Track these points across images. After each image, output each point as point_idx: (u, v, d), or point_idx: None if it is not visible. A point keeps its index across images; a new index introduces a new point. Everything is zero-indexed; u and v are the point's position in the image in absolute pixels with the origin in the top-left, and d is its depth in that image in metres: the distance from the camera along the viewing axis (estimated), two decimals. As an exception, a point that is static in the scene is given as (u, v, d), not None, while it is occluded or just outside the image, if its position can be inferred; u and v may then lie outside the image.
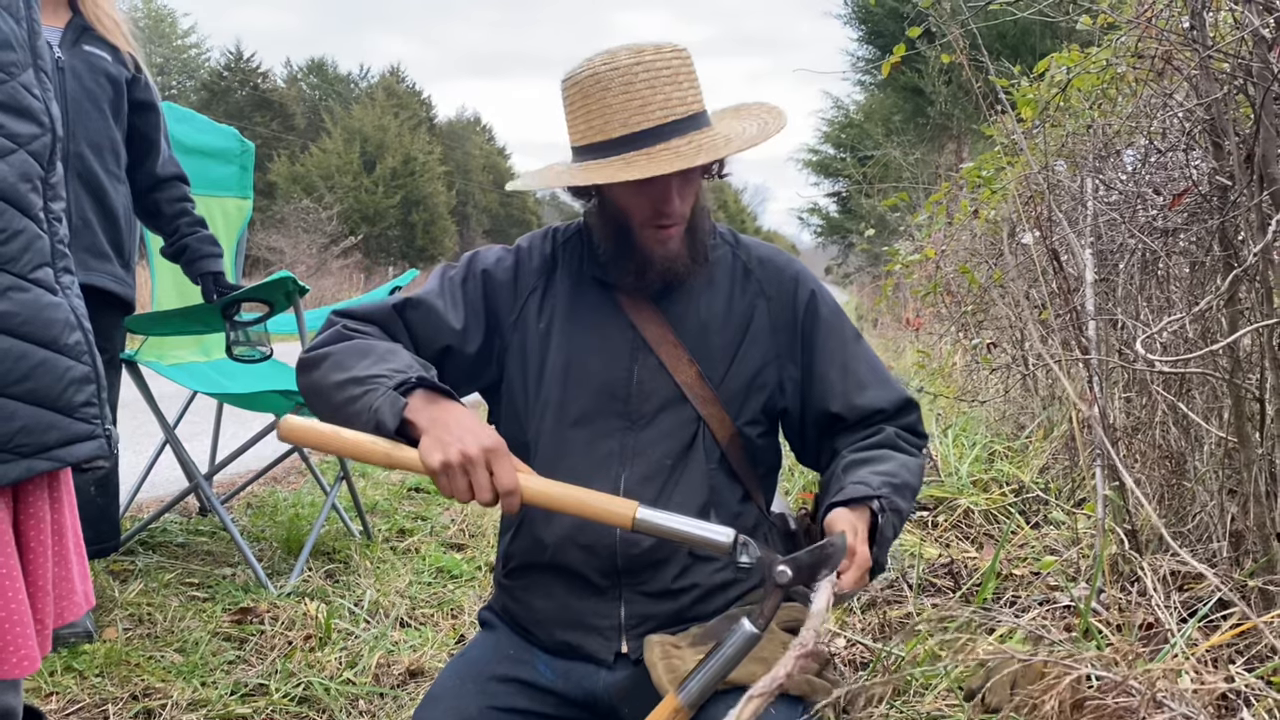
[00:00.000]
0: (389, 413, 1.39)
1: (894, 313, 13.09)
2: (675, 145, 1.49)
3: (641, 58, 1.49)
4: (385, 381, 1.42)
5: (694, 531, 1.41)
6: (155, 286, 3.93)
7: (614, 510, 1.40)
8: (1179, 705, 1.36)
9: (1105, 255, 3.29)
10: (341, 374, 1.47)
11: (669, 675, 1.48)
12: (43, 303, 1.38)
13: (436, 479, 1.38)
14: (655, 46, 1.51)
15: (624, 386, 1.61)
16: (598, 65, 1.50)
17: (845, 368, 1.66)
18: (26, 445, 1.34)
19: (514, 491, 1.38)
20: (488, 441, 1.38)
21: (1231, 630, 2.03)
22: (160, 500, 4.18)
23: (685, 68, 1.53)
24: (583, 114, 1.53)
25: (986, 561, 2.97)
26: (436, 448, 1.36)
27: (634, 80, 1.48)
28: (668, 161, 1.46)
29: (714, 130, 1.55)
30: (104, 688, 2.50)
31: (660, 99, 1.49)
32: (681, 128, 1.50)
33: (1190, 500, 2.83)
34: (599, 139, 1.51)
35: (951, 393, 6.16)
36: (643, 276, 1.61)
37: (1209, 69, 2.27)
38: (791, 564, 1.39)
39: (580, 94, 1.52)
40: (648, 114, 1.48)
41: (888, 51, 3.85)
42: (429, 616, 3.15)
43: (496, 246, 1.75)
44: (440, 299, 1.63)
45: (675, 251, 1.60)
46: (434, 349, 1.62)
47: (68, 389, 1.39)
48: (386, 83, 44.77)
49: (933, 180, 12.79)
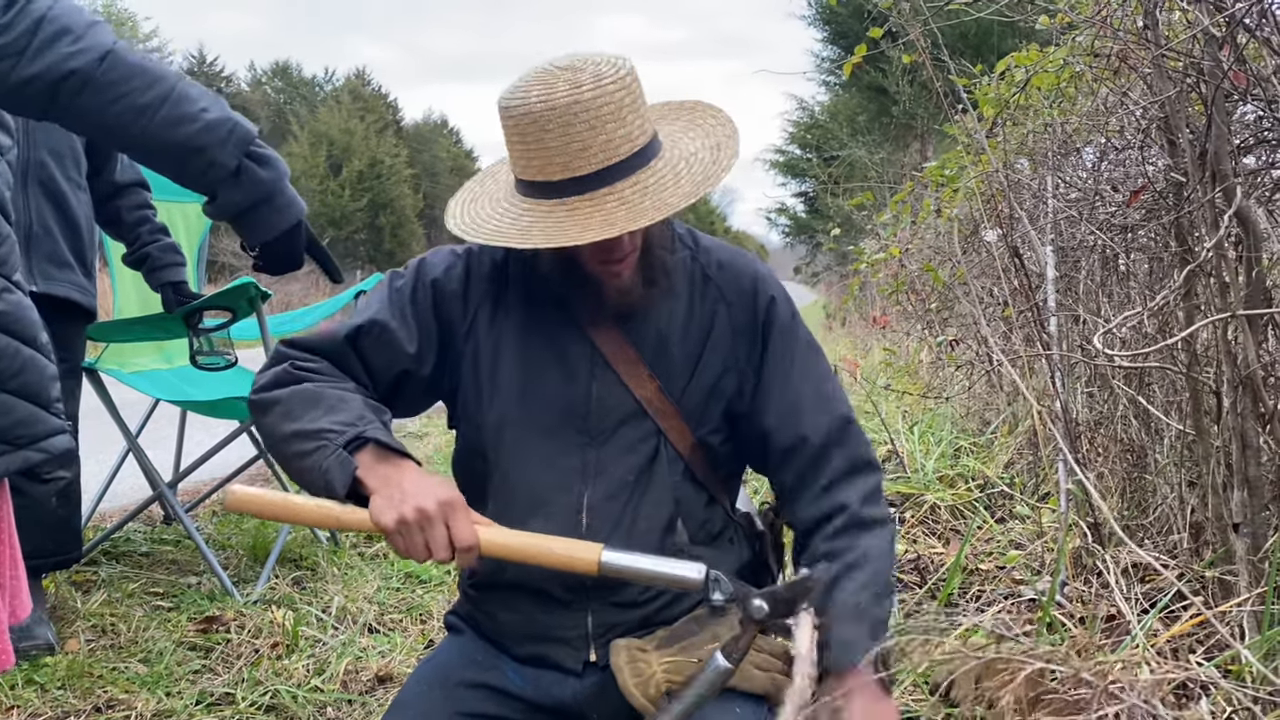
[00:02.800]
0: (338, 475, 1.36)
1: (861, 311, 13.18)
2: (620, 189, 1.40)
3: (580, 94, 1.36)
4: (334, 439, 1.38)
5: (663, 571, 1.38)
6: (116, 294, 3.88)
7: (578, 556, 1.38)
8: (1133, 696, 1.38)
9: (1066, 252, 3.34)
10: (291, 424, 1.43)
11: (635, 680, 1.47)
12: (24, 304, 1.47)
13: (391, 539, 1.35)
14: (595, 76, 1.38)
15: (583, 403, 1.56)
16: (534, 101, 1.38)
17: (788, 384, 1.59)
18: (23, 437, 1.42)
19: (471, 548, 1.36)
20: (444, 495, 1.36)
21: (1191, 620, 2.07)
22: (123, 509, 4.12)
23: (629, 97, 1.41)
24: (520, 149, 1.43)
25: (952, 557, 3.00)
26: (389, 507, 1.34)
27: (573, 121, 1.37)
28: (612, 216, 1.38)
29: (661, 162, 1.46)
30: (66, 700, 2.46)
31: (602, 140, 1.38)
32: (626, 168, 1.41)
33: (1152, 493, 2.87)
34: (539, 179, 1.43)
35: (918, 389, 6.20)
36: (598, 310, 1.54)
37: (1163, 67, 2.31)
38: (768, 598, 1.37)
39: (517, 129, 1.42)
40: (588, 158, 1.39)
41: (851, 52, 3.88)
42: (397, 622, 3.14)
43: (445, 250, 1.67)
44: (392, 318, 1.56)
45: (627, 283, 1.52)
46: (389, 375, 1.57)
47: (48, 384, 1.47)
48: (352, 85, 44.48)
49: (898, 179, 12.89)
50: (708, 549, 1.60)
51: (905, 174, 9.85)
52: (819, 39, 21.50)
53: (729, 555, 1.63)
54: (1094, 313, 3.26)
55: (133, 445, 3.55)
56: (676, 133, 1.53)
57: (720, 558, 1.58)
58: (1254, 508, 2.14)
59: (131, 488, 4.51)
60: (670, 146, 1.49)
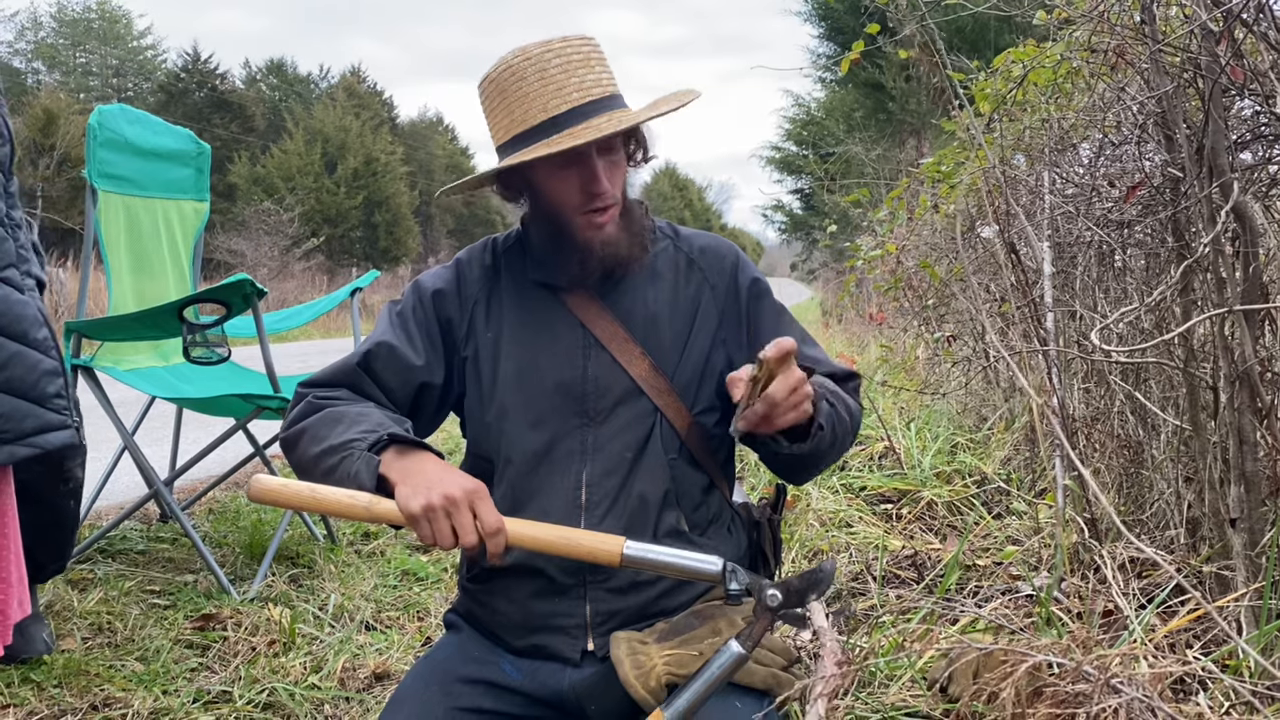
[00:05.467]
0: (365, 474, 1.41)
1: (857, 308, 13.18)
2: (595, 123, 1.52)
3: (550, 46, 1.55)
4: (358, 445, 1.44)
5: (683, 563, 1.42)
6: (112, 292, 3.87)
7: (601, 548, 1.41)
8: (1133, 690, 1.38)
9: (1063, 248, 3.33)
10: (318, 446, 1.49)
11: (636, 671, 1.48)
12: (12, 300, 1.46)
13: (417, 525, 1.37)
14: (563, 37, 1.57)
15: (579, 385, 1.62)
16: (510, 59, 1.56)
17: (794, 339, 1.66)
18: (7, 432, 1.42)
19: (499, 530, 1.38)
20: (469, 484, 1.39)
21: (1188, 615, 2.07)
22: (119, 507, 4.12)
23: (596, 53, 1.58)
24: (503, 109, 1.57)
25: (950, 553, 3.00)
26: (415, 494, 1.37)
27: (547, 67, 1.53)
28: (589, 134, 1.49)
29: (631, 111, 1.59)
30: (63, 698, 2.46)
31: (575, 82, 1.54)
32: (599, 107, 1.54)
33: (1149, 488, 2.88)
34: (520, 129, 1.55)
35: (914, 386, 6.21)
36: (585, 266, 1.61)
37: (1160, 63, 2.30)
38: (782, 588, 1.41)
39: (497, 90, 1.57)
40: (565, 96, 1.53)
41: (847, 48, 3.88)
42: (394, 619, 3.13)
43: (436, 268, 1.77)
44: (396, 337, 1.64)
45: (613, 236, 1.61)
46: (407, 391, 1.64)
47: (40, 380, 1.47)
48: (347, 83, 44.42)
49: (894, 176, 12.89)
50: (706, 536, 1.62)
51: (902, 170, 9.85)
52: (815, 35, 21.47)
53: (729, 543, 1.66)
54: (1091, 308, 3.26)
55: (129, 443, 3.54)
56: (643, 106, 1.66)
57: (720, 545, 1.62)
58: (1251, 503, 2.14)
59: (127, 486, 4.50)
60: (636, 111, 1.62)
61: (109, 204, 3.78)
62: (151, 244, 3.99)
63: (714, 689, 1.40)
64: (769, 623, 1.42)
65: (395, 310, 1.69)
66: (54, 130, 28.29)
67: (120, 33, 45.34)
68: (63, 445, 1.50)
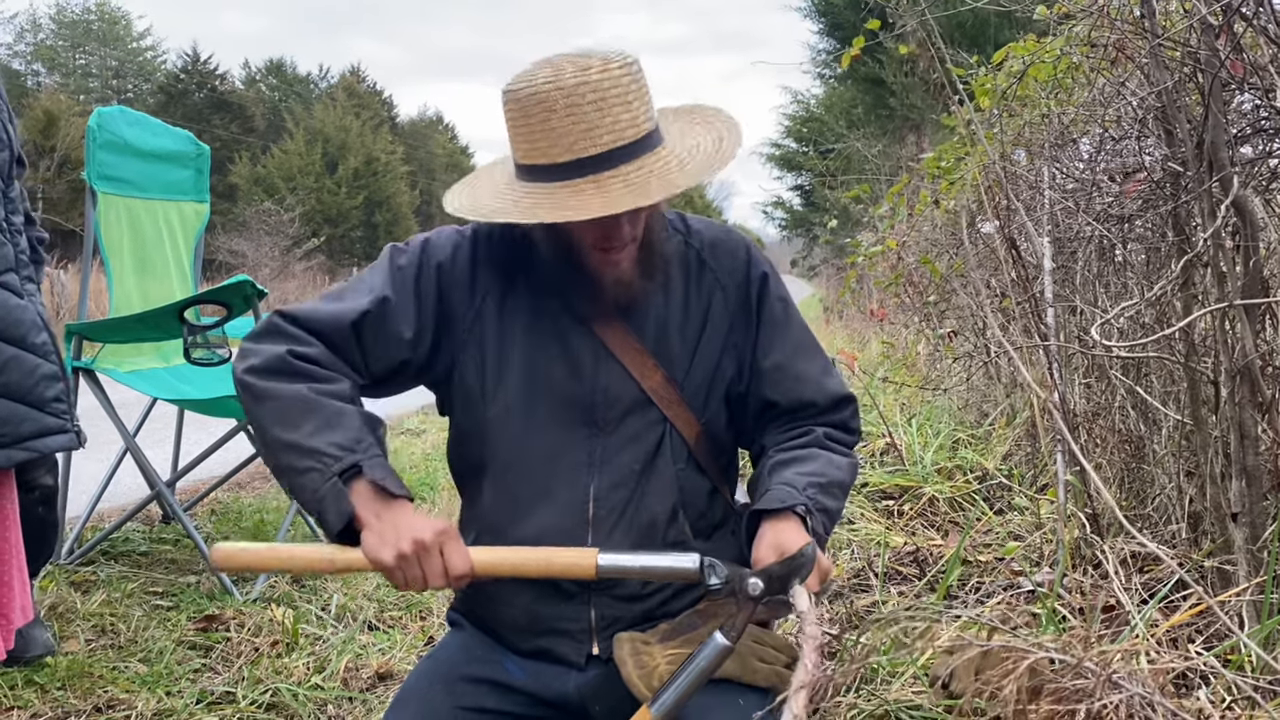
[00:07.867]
0: (333, 510, 1.38)
1: (858, 304, 13.17)
2: (625, 172, 1.40)
3: (588, 76, 1.38)
4: (330, 464, 1.38)
5: (659, 565, 1.43)
6: (113, 293, 3.87)
7: (575, 563, 1.41)
8: (1134, 685, 1.38)
9: (1063, 243, 3.33)
10: (286, 433, 1.41)
11: (639, 672, 1.48)
12: (10, 304, 1.46)
13: (390, 574, 1.37)
14: (603, 60, 1.40)
15: (589, 396, 1.57)
16: (540, 82, 1.38)
17: (787, 355, 1.63)
18: (4, 436, 1.41)
19: (465, 575, 1.40)
20: (438, 525, 1.39)
21: (1190, 610, 2.07)
22: (122, 509, 4.12)
23: (635, 84, 1.42)
24: (525, 133, 1.43)
25: (951, 549, 3.00)
26: (385, 544, 1.37)
27: (580, 102, 1.37)
28: (618, 197, 1.38)
29: (666, 150, 1.47)
30: (66, 700, 2.46)
31: (609, 122, 1.39)
32: (632, 152, 1.41)
33: (1150, 483, 2.88)
34: (543, 161, 1.42)
35: (915, 382, 6.20)
36: (596, 302, 1.54)
37: (1160, 57, 2.30)
38: (763, 576, 1.40)
39: (522, 112, 1.42)
40: (595, 139, 1.39)
41: (847, 44, 3.87)
42: (397, 619, 3.13)
43: (449, 230, 1.65)
44: (394, 295, 1.54)
45: (626, 274, 1.53)
46: (386, 364, 1.55)
47: (38, 384, 1.47)
48: (347, 83, 44.46)
49: (895, 172, 12.88)
50: (708, 542, 1.60)
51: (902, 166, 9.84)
52: (815, 31, 21.46)
53: (730, 546, 1.64)
54: (1091, 303, 3.26)
55: (130, 444, 3.55)
56: (679, 130, 1.55)
57: (720, 550, 1.59)
58: (1252, 497, 2.14)
59: (129, 487, 4.50)
60: (674, 139, 1.51)
61: (110, 206, 3.78)
62: (154, 245, 4.00)
63: (701, 682, 1.39)
64: (752, 611, 1.40)
65: (398, 263, 1.57)
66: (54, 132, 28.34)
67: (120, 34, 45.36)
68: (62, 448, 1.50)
